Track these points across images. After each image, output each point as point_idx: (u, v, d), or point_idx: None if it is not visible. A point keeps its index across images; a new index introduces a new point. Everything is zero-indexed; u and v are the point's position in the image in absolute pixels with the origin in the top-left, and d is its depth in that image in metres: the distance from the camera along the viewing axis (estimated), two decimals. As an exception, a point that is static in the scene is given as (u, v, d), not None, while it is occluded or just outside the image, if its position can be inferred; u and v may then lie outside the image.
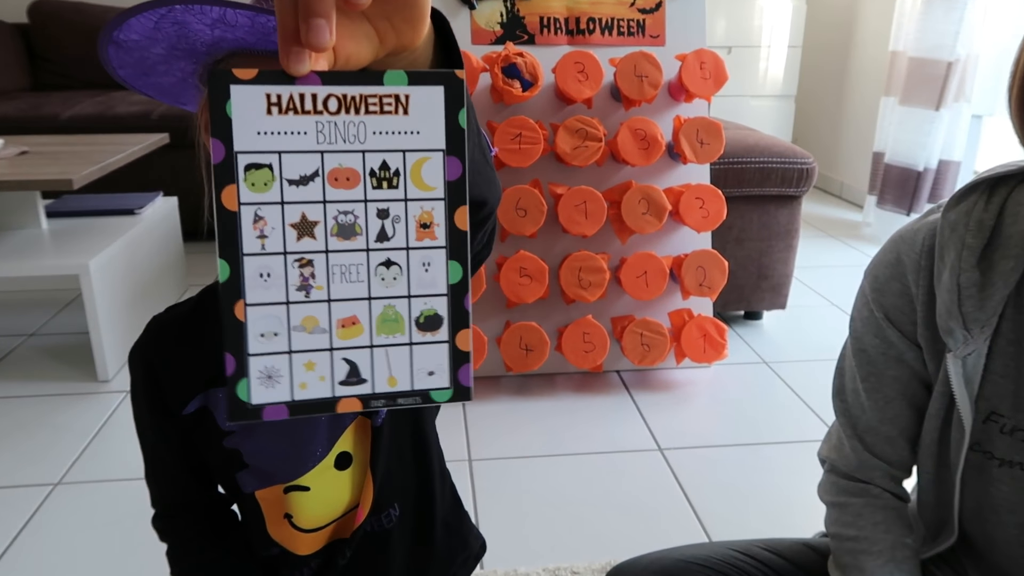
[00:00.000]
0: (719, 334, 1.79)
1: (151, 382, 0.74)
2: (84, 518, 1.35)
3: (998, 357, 0.73)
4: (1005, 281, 0.71)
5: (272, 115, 0.38)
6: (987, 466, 0.75)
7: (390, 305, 0.41)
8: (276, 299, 0.40)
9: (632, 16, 1.84)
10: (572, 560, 1.22)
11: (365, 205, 0.39)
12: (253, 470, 0.74)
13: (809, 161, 1.99)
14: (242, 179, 0.38)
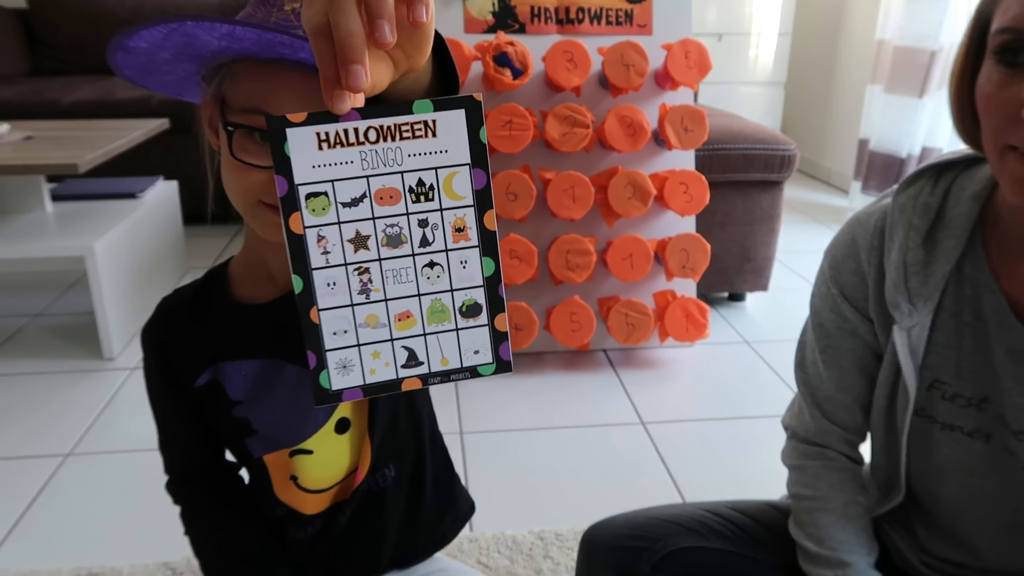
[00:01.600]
0: (701, 314, 1.87)
1: (163, 358, 0.80)
2: (95, 487, 1.42)
3: (941, 329, 0.80)
4: (947, 259, 0.78)
5: (323, 150, 0.45)
6: (930, 430, 0.82)
7: (437, 299, 0.48)
8: (342, 303, 0.47)
9: (620, 6, 1.89)
10: (556, 524, 1.30)
11: (407, 217, 0.47)
12: (260, 436, 0.80)
13: (791, 148, 2.06)
14: (304, 207, 0.46)
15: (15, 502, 1.37)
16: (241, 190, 0.67)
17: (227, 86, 0.67)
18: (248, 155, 0.66)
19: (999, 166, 0.65)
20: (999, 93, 0.63)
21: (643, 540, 0.94)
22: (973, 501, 0.81)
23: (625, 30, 1.89)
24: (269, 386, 0.79)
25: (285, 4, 0.64)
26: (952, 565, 0.86)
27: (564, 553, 1.21)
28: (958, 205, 0.78)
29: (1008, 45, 0.61)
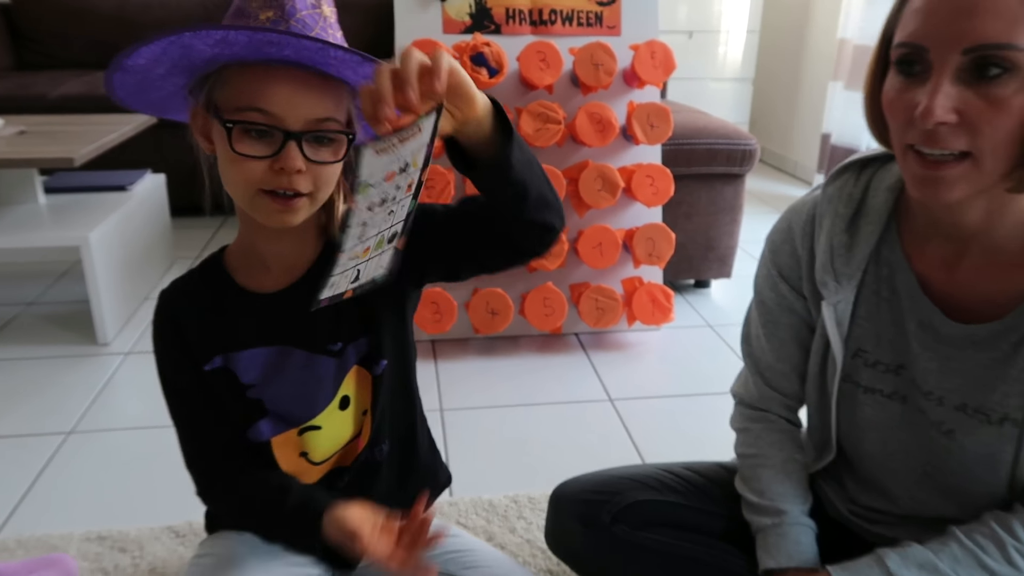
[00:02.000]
0: (666, 299, 1.99)
1: (180, 340, 0.85)
2: (98, 460, 1.52)
3: (863, 304, 0.92)
4: (867, 242, 0.90)
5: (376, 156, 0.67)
6: (855, 393, 0.94)
7: (382, 234, 0.64)
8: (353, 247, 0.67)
9: (591, 8, 2.00)
10: (529, 490, 1.41)
11: (394, 187, 0.65)
12: (272, 417, 0.88)
13: (752, 143, 2.18)
14: (359, 192, 0.68)
15: (24, 474, 1.46)
16: (242, 181, 0.75)
17: (218, 91, 0.75)
18: (246, 148, 0.74)
19: (903, 163, 0.77)
20: (899, 98, 0.74)
21: (605, 494, 1.06)
22: (892, 455, 0.93)
23: (595, 31, 1.99)
24: (280, 370, 0.87)
25: (260, 14, 0.73)
26: (875, 512, 0.99)
27: (536, 514, 1.33)
28: (876, 196, 0.90)
29: (905, 57, 0.73)
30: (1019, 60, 0.65)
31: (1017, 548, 0.81)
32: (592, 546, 1.04)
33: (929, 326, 0.86)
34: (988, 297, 0.82)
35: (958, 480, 0.88)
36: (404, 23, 1.93)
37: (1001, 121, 0.67)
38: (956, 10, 0.67)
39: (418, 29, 1.92)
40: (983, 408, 0.83)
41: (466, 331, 1.99)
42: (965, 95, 0.68)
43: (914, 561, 0.84)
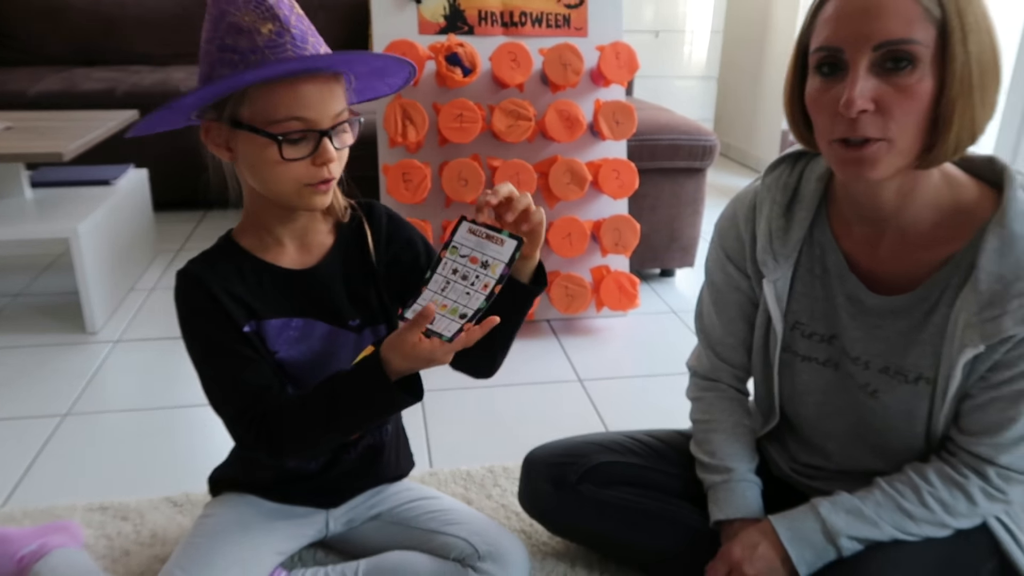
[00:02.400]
0: (632, 286, 2.11)
1: (216, 302, 0.91)
2: (95, 438, 1.60)
3: (799, 281, 1.03)
4: (801, 226, 1.01)
5: (470, 233, 0.87)
6: (794, 362, 1.06)
7: (456, 305, 0.86)
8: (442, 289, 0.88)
9: (559, 11, 2.11)
10: (504, 461, 1.52)
11: (472, 270, 0.86)
12: (292, 379, 0.98)
13: (712, 139, 2.31)
14: (449, 250, 0.87)
15: (24, 452, 1.54)
16: (291, 179, 0.86)
17: (244, 108, 0.84)
18: (293, 153, 0.85)
19: (829, 154, 0.88)
20: (822, 97, 0.85)
21: (572, 457, 1.17)
22: (827, 417, 1.05)
23: (563, 32, 2.10)
24: (305, 338, 0.97)
25: (261, 28, 0.81)
26: (814, 469, 1.11)
27: (511, 482, 1.44)
28: (808, 184, 1.02)
29: (823, 60, 0.84)
30: (919, 52, 0.78)
31: (931, 492, 0.93)
32: (561, 504, 1.15)
33: (856, 299, 0.98)
34: (904, 272, 0.94)
35: (883, 436, 1.00)
36: (381, 24, 2.02)
37: (910, 105, 0.79)
38: (863, 14, 0.79)
39: (394, 30, 2.01)
40: (902, 369, 0.95)
41: (443, 318, 2.09)
42: (879, 85, 0.79)
43: (842, 507, 0.96)
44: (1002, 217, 0.85)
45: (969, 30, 0.78)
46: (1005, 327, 0.84)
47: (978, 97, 0.80)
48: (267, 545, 1.08)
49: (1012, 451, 0.90)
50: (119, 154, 2.75)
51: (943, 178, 0.90)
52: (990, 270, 0.84)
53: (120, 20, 3.49)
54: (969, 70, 0.78)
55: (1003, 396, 0.89)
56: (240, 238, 0.98)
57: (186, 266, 0.96)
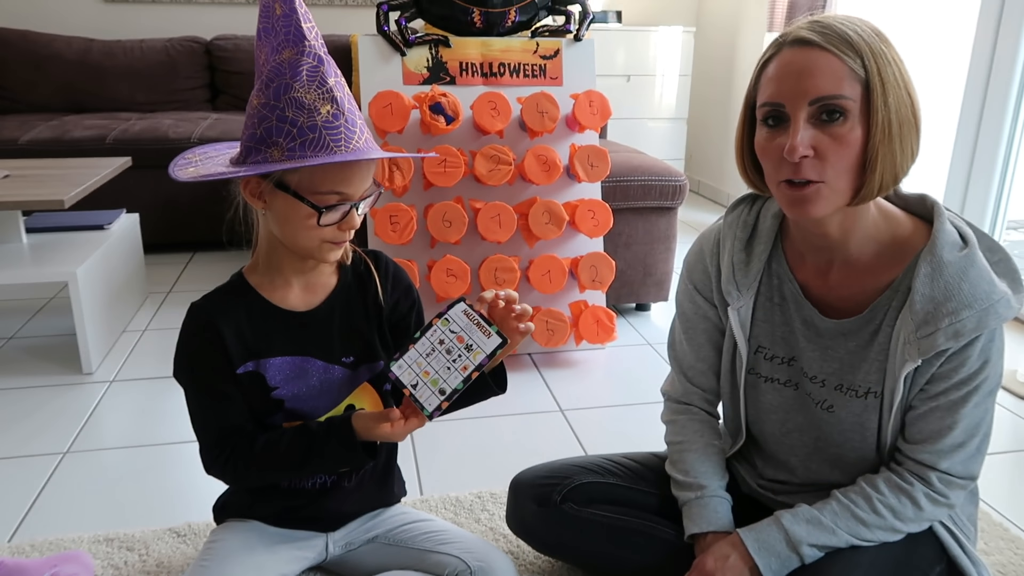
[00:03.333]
0: (609, 320, 2.21)
1: (219, 340, 1.01)
2: (96, 475, 1.65)
3: (760, 309, 1.14)
4: (760, 259, 1.12)
5: (464, 316, 0.97)
6: (758, 383, 1.16)
7: (436, 379, 0.97)
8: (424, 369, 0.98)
9: (535, 61, 2.24)
10: (491, 487, 1.60)
11: (459, 347, 0.97)
12: (288, 412, 1.07)
13: (681, 179, 2.44)
14: (441, 321, 0.98)
15: (26, 489, 1.59)
16: (316, 237, 0.97)
17: (291, 175, 0.94)
18: (329, 220, 0.96)
19: (777, 195, 0.99)
20: (768, 145, 0.97)
21: (555, 478, 1.25)
22: (789, 433, 1.15)
23: (540, 82, 2.23)
24: (301, 375, 1.06)
25: (321, 108, 0.91)
26: (779, 484, 1.20)
27: (498, 506, 1.51)
28: (765, 222, 1.13)
29: (768, 114, 0.96)
30: (848, 106, 0.91)
31: (880, 500, 1.03)
32: (546, 523, 1.23)
33: (811, 323, 1.09)
34: (851, 297, 1.05)
35: (840, 448, 1.10)
36: (367, 75, 2.14)
37: (843, 151, 0.92)
38: (800, 74, 0.92)
39: (380, 81, 2.13)
40: (852, 385, 1.06)
41: (429, 353, 2.18)
42: (816, 135, 0.92)
43: (803, 517, 1.05)
44: (933, 246, 0.97)
45: (889, 88, 0.91)
46: (938, 342, 0.95)
47: (897, 144, 0.92)
48: (271, 568, 1.14)
49: (951, 457, 1.01)
50: (109, 199, 2.85)
51: (881, 214, 1.02)
52: (924, 292, 0.96)
53: (109, 69, 3.59)
54: (889, 121, 0.91)
55: (941, 406, 1.00)
56: (250, 276, 1.07)
57: (200, 301, 1.05)
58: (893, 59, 0.92)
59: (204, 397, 1.05)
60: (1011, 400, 2.07)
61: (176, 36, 3.78)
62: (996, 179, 2.66)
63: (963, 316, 0.94)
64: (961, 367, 0.97)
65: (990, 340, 0.98)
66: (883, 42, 0.93)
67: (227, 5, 3.97)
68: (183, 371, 1.06)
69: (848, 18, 0.94)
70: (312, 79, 0.92)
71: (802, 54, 0.92)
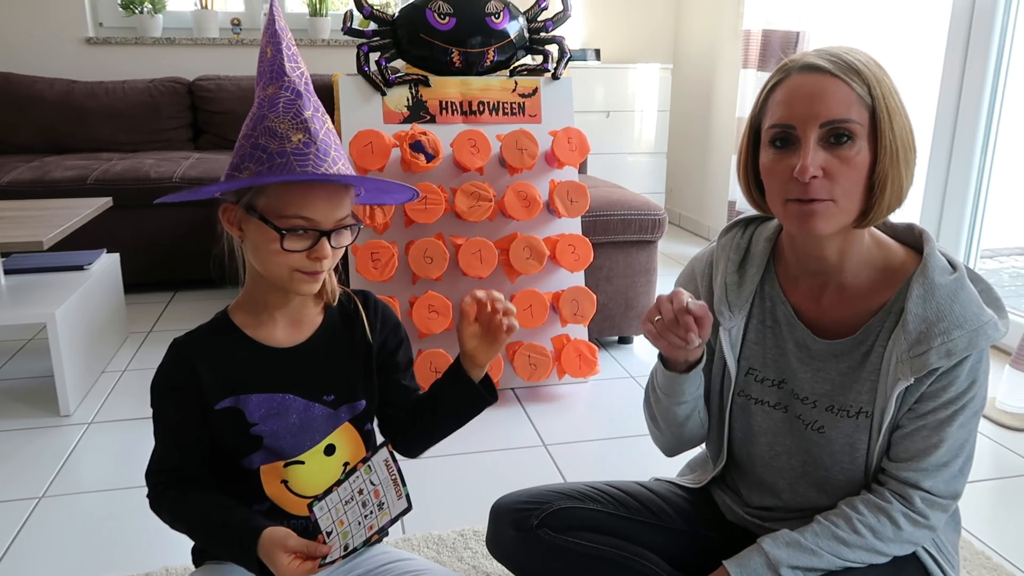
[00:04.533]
0: (591, 354, 2.22)
1: (194, 378, 1.01)
2: (72, 520, 1.63)
3: (752, 331, 1.15)
4: (752, 281, 1.14)
5: (383, 464, 0.94)
6: (748, 405, 1.17)
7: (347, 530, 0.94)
8: None
9: (514, 100, 2.28)
10: (475, 524, 1.59)
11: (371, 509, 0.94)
12: (266, 450, 1.06)
13: (660, 213, 2.47)
14: (364, 467, 0.94)
15: (2, 536, 1.56)
16: (286, 265, 0.97)
17: (260, 199, 0.95)
18: (293, 246, 0.95)
19: (783, 214, 1.02)
20: (776, 166, 1.00)
21: (534, 504, 1.25)
22: (777, 457, 1.16)
23: (519, 119, 2.26)
24: (282, 413, 1.06)
25: (292, 136, 0.93)
26: (765, 511, 1.20)
27: (481, 544, 1.50)
28: (758, 245, 1.16)
29: (777, 136, 0.99)
30: (856, 129, 0.95)
31: (859, 519, 1.04)
32: (523, 548, 1.22)
33: (803, 344, 1.10)
34: (843, 319, 1.07)
35: (829, 471, 1.10)
36: (348, 114, 2.16)
37: (852, 173, 0.95)
38: (811, 98, 0.96)
39: (361, 120, 2.15)
40: (844, 406, 1.07)
41: (411, 389, 2.17)
42: (826, 156, 0.96)
43: (783, 540, 1.05)
44: (924, 269, 1.01)
45: (893, 113, 0.96)
46: (931, 361, 0.97)
47: (903, 168, 0.97)
48: (251, 609, 1.13)
49: (935, 476, 1.02)
50: (90, 239, 2.84)
51: (874, 241, 1.06)
52: (916, 313, 0.99)
53: (91, 110, 3.61)
54: (896, 146, 0.96)
55: (928, 424, 1.01)
56: (235, 314, 1.07)
57: (183, 338, 1.04)
58: (892, 88, 0.97)
59: (165, 428, 1.05)
60: (991, 428, 2.09)
61: (159, 77, 3.81)
62: (969, 209, 2.71)
63: (955, 335, 0.97)
64: (950, 386, 1.00)
65: (978, 361, 1.01)
66: (883, 71, 0.98)
67: (209, 46, 4.01)
68: (153, 397, 1.06)
69: (851, 49, 0.99)
70: (288, 110, 0.94)
71: (813, 79, 0.96)
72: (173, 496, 1.05)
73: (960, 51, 2.65)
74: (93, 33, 3.89)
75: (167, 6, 3.99)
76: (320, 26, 4.11)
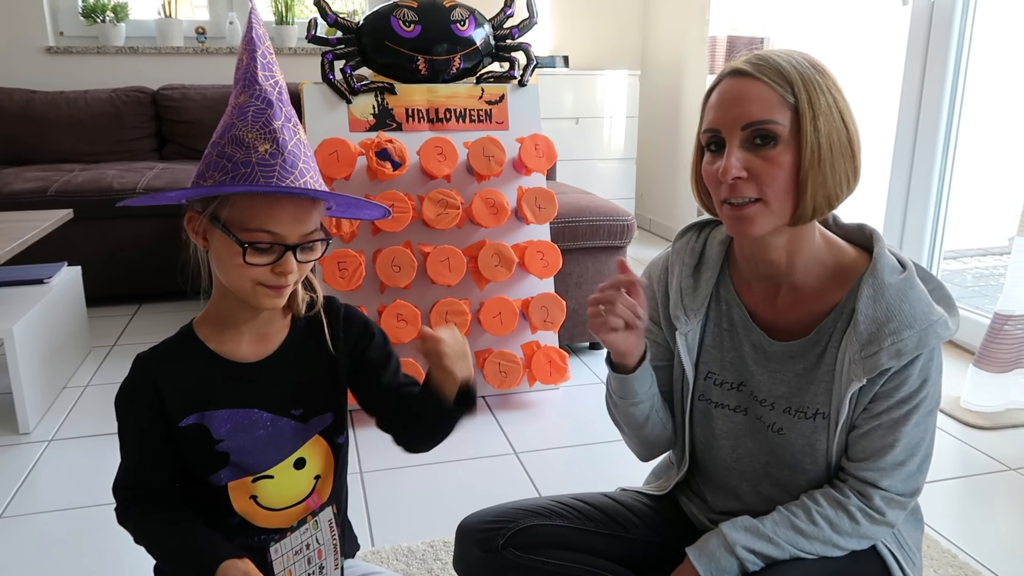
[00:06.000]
0: (562, 360, 2.21)
1: (155, 394, 0.99)
2: (30, 543, 1.58)
3: (709, 335, 1.15)
4: (707, 285, 1.14)
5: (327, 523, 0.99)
6: (708, 408, 1.17)
7: None
8: None
9: (481, 107, 2.27)
10: (444, 536, 1.57)
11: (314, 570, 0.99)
12: (234, 466, 1.03)
13: (629, 218, 2.48)
14: (311, 521, 0.98)
15: (-45, 561, 1.52)
16: (248, 278, 0.94)
17: (225, 211, 0.92)
18: (255, 260, 0.93)
19: (721, 214, 1.02)
20: (710, 168, 1.01)
21: (500, 522, 1.23)
22: (740, 459, 1.15)
23: (486, 127, 2.26)
24: (248, 428, 1.03)
25: (259, 146, 0.90)
26: (730, 515, 1.19)
27: (451, 555, 1.48)
28: (712, 249, 1.16)
29: (709, 140, 1.01)
30: (778, 130, 0.95)
31: (818, 511, 1.04)
32: (489, 569, 1.21)
33: (760, 347, 1.11)
34: (797, 321, 1.08)
35: (791, 471, 1.11)
36: (313, 123, 2.14)
37: (775, 172, 0.96)
38: (733, 101, 0.97)
39: (327, 128, 2.13)
40: (801, 407, 1.07)
41: (381, 400, 2.15)
42: (749, 157, 0.96)
43: (741, 525, 1.06)
44: (874, 269, 1.01)
45: (819, 114, 0.95)
46: (882, 362, 0.98)
47: (828, 169, 0.97)
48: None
49: (892, 475, 1.03)
50: (51, 252, 2.78)
51: (824, 241, 1.07)
52: (867, 313, 1.00)
53: (52, 120, 3.54)
54: (819, 146, 0.96)
55: (883, 424, 1.02)
56: (200, 328, 1.04)
57: (146, 353, 1.02)
58: (827, 88, 0.97)
59: (127, 445, 1.03)
60: (956, 427, 2.12)
61: (122, 86, 3.75)
62: (931, 211, 2.75)
63: (904, 336, 0.98)
64: (902, 386, 1.01)
65: (929, 359, 1.01)
66: (819, 72, 0.98)
67: (174, 55, 3.96)
68: (117, 413, 1.03)
69: (787, 52, 0.99)
70: (257, 120, 0.92)
71: (737, 83, 0.98)
72: (137, 514, 1.03)
73: (920, 54, 2.70)
74: (53, 42, 3.82)
75: (130, 15, 3.93)
76: (286, 34, 4.08)
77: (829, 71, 0.99)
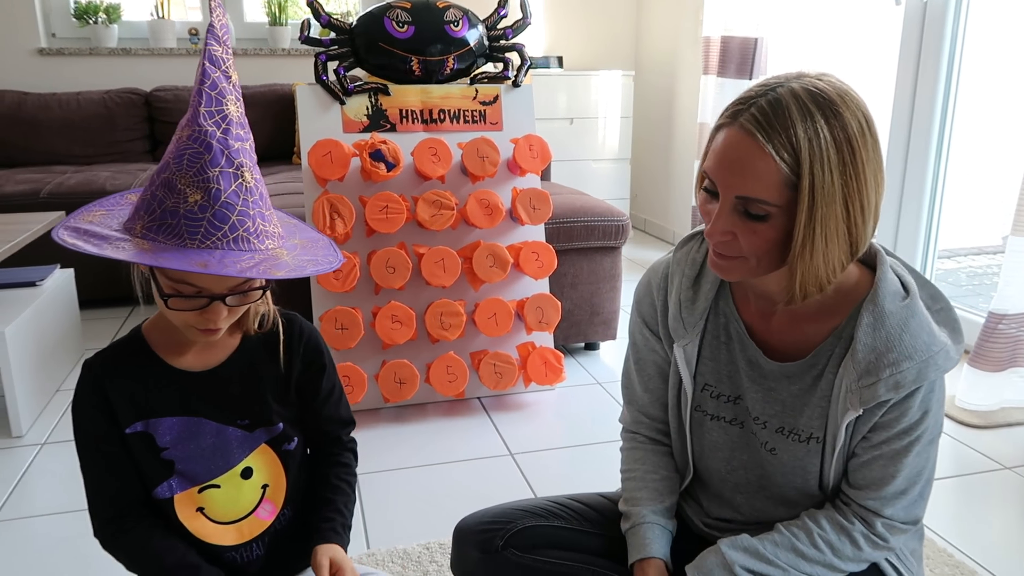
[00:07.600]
0: (557, 361, 2.21)
1: (104, 400, 0.96)
2: (23, 547, 1.57)
3: (706, 347, 1.14)
4: (706, 297, 1.13)
5: None
6: (704, 420, 1.16)
7: None
8: None
9: (475, 107, 2.27)
10: (440, 538, 1.57)
11: None
12: (179, 475, 1.01)
13: (624, 219, 2.47)
14: None
15: (-53, 566, 1.51)
16: (179, 318, 0.93)
17: None
18: (180, 306, 0.90)
19: (709, 246, 1.01)
20: (703, 207, 0.99)
21: (498, 523, 1.23)
22: (734, 471, 1.15)
23: (480, 127, 2.26)
24: (193, 436, 1.01)
25: (189, 195, 0.85)
26: (725, 522, 1.19)
27: (447, 557, 1.48)
28: None
29: (707, 184, 0.98)
30: (770, 211, 0.91)
31: (821, 535, 1.03)
32: (488, 570, 1.20)
33: (755, 364, 1.09)
34: (794, 342, 1.06)
35: (782, 489, 1.10)
36: (307, 124, 2.13)
37: (760, 243, 0.93)
38: (733, 167, 0.92)
39: (320, 130, 2.12)
40: (795, 430, 1.06)
41: (376, 401, 2.15)
42: (737, 222, 0.93)
43: (741, 544, 1.05)
44: (875, 295, 0.98)
45: (819, 200, 0.89)
46: (879, 393, 0.95)
47: (820, 257, 0.92)
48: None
49: (894, 504, 1.01)
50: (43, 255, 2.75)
51: None
52: (865, 342, 0.97)
53: (44, 122, 3.52)
54: (813, 234, 0.90)
55: (884, 455, 1.00)
56: (149, 333, 1.02)
57: (93, 358, 0.99)
58: (842, 162, 0.89)
59: (88, 453, 0.99)
60: (952, 426, 2.12)
61: (114, 88, 3.74)
62: (925, 211, 2.76)
63: (903, 368, 0.95)
64: (903, 417, 0.98)
65: (930, 391, 0.98)
66: (841, 142, 0.89)
67: (166, 56, 3.95)
68: (74, 421, 1.00)
69: (812, 95, 0.90)
70: (192, 166, 0.86)
71: (742, 144, 0.90)
72: (125, 547, 1.01)
73: (913, 54, 2.70)
74: (46, 44, 3.80)
75: (122, 16, 3.92)
76: (280, 35, 4.07)
77: (858, 127, 0.90)
